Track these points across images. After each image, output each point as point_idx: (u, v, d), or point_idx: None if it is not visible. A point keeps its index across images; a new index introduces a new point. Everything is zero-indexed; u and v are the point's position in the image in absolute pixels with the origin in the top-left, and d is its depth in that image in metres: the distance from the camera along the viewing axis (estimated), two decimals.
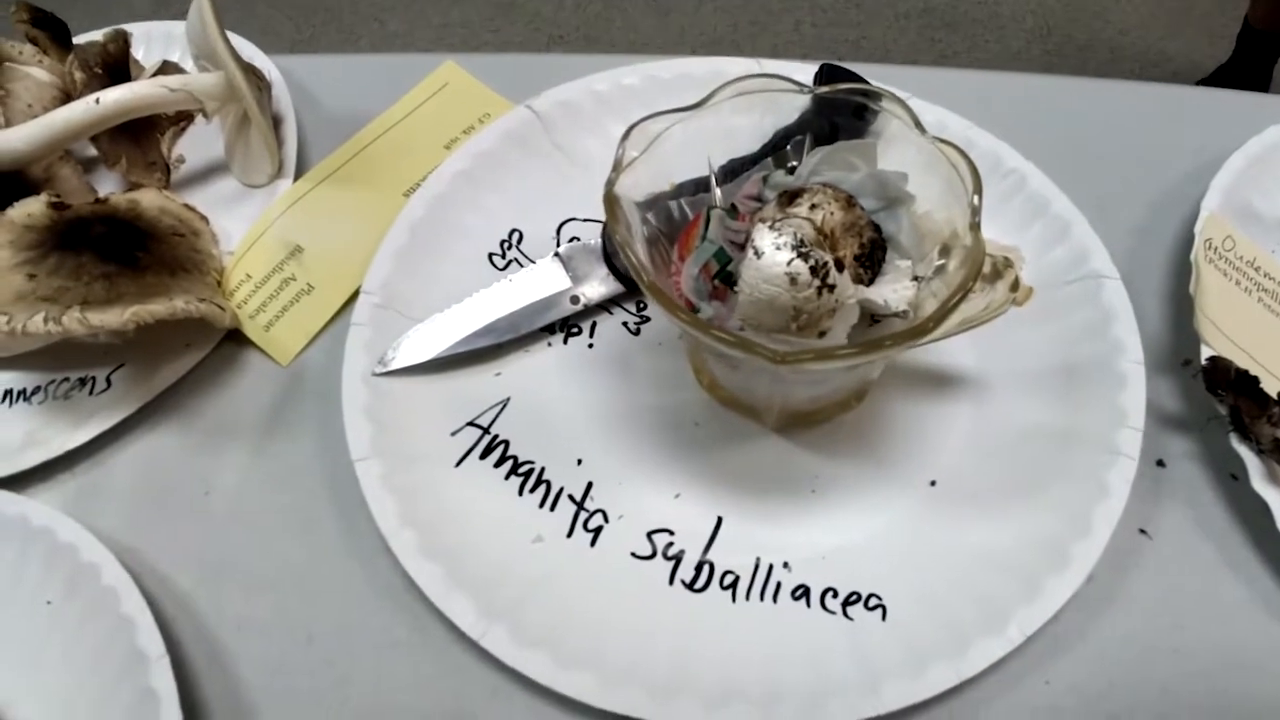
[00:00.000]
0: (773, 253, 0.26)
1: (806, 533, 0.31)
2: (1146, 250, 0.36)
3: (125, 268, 0.35)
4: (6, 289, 0.34)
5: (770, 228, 0.26)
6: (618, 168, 0.29)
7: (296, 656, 0.31)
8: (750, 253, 0.26)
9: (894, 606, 0.29)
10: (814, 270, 0.26)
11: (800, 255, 0.26)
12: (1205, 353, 0.31)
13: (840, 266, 0.26)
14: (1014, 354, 0.33)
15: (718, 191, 0.32)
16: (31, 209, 0.37)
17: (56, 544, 0.33)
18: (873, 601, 0.29)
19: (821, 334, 0.27)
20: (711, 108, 0.31)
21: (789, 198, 0.29)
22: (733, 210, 0.31)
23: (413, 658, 0.30)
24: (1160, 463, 0.32)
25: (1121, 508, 0.29)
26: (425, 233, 0.37)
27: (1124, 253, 0.35)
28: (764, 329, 0.27)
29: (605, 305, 0.36)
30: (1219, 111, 0.40)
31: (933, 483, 0.31)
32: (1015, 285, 0.29)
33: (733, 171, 0.33)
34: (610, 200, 0.28)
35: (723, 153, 0.32)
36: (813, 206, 0.28)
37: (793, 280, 0.26)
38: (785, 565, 0.30)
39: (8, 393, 0.37)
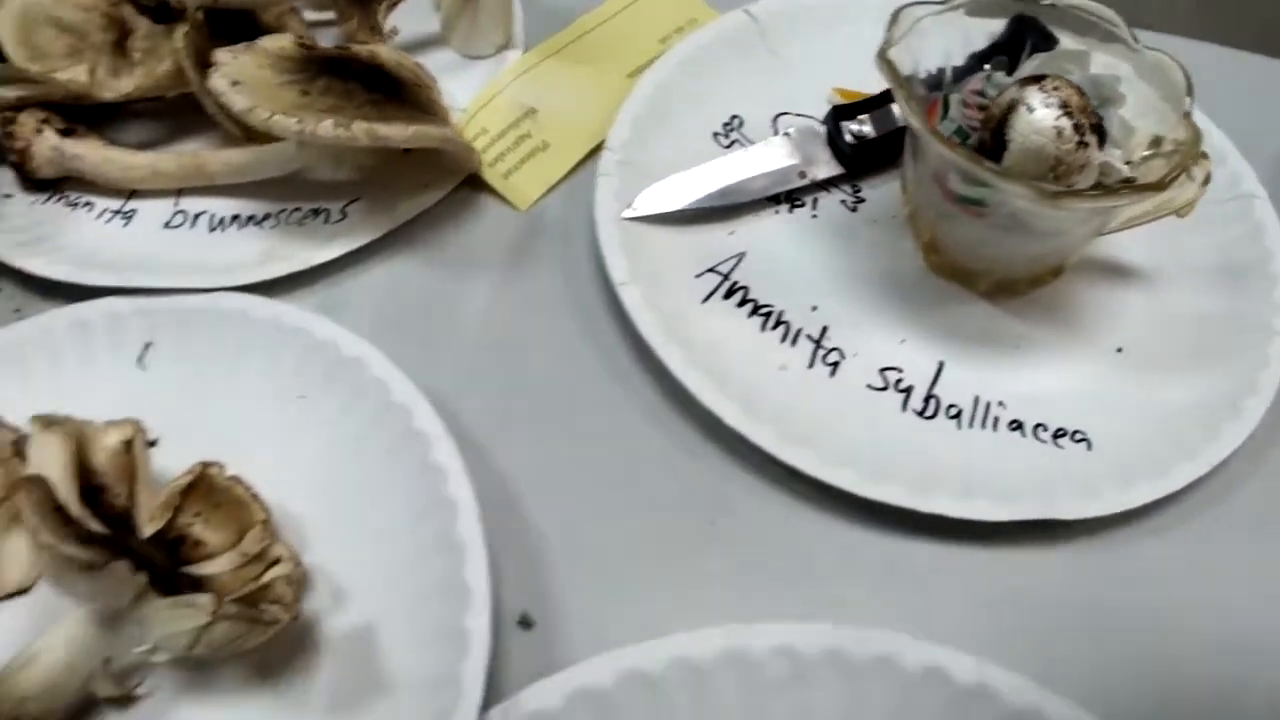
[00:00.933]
0: (1042, 109, 0.34)
1: (1015, 380, 0.38)
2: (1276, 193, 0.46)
3: (390, 99, 0.40)
4: (284, 99, 0.39)
5: (1040, 89, 0.34)
6: (890, 42, 0.36)
7: (558, 456, 0.36)
8: (1022, 109, 0.34)
9: (1096, 440, 0.36)
10: (1076, 127, 0.34)
11: (1065, 113, 0.34)
12: None
13: (1093, 129, 0.34)
14: (1179, 256, 0.42)
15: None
16: (282, 43, 0.42)
17: (313, 341, 0.37)
18: (1078, 435, 0.37)
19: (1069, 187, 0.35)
20: (952, 10, 0.39)
21: (1028, 81, 0.37)
22: (961, 102, 0.39)
23: (673, 461, 0.36)
24: None
25: None
26: (656, 107, 0.43)
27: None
28: (1024, 177, 0.34)
29: (825, 185, 0.43)
30: None
31: (1119, 349, 0.39)
32: (1208, 179, 0.38)
33: (955, 75, 0.41)
34: (888, 61, 0.36)
35: (950, 57, 0.40)
36: (1054, 88, 0.36)
37: (1059, 133, 0.34)
38: (1000, 404, 0.37)
39: (236, 217, 0.42)
